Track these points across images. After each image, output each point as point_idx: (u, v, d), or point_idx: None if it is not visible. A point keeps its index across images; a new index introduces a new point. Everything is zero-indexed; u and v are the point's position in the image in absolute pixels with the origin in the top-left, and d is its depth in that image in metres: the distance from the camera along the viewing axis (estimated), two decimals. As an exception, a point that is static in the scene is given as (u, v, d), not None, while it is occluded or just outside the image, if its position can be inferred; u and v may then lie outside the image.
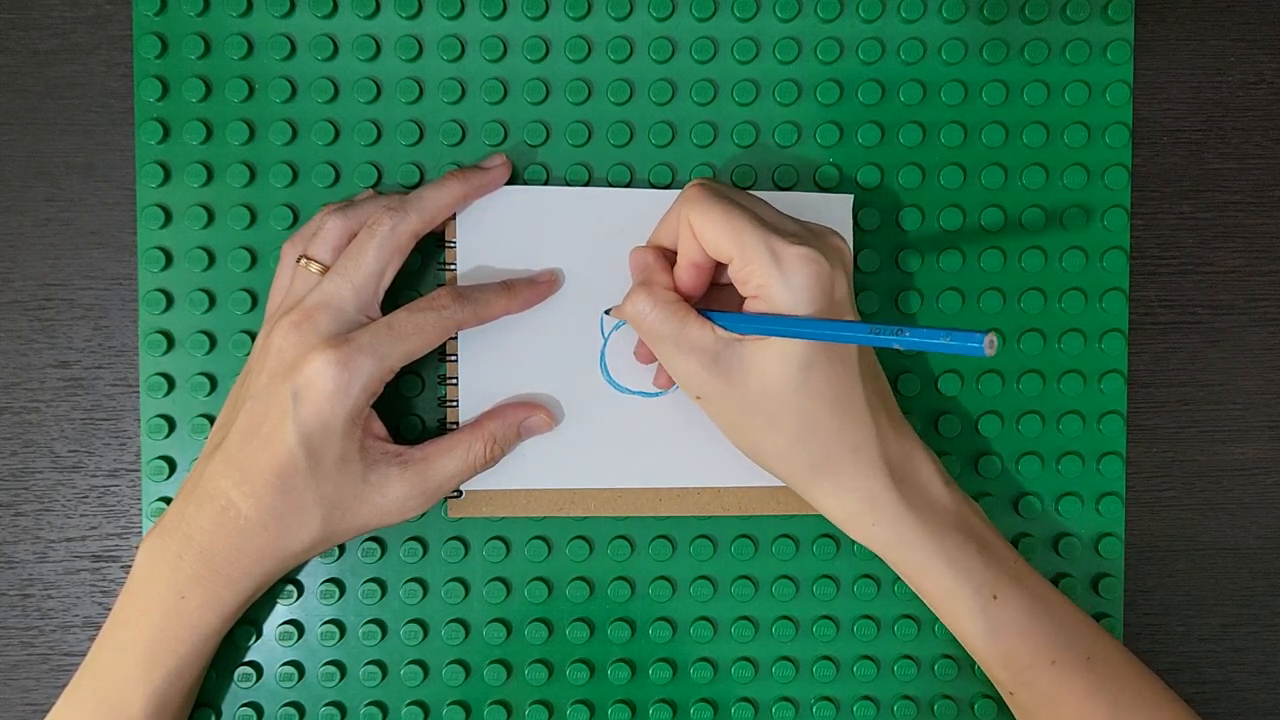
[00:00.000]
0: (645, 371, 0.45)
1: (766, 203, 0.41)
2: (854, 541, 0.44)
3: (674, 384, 0.45)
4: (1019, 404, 0.47)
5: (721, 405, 0.41)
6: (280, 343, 0.40)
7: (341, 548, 0.46)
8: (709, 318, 0.40)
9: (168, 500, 0.46)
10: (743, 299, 0.40)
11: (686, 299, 0.41)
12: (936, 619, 0.46)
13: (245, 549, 0.40)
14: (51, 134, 0.47)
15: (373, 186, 0.46)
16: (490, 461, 0.43)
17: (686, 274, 0.41)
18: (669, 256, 0.43)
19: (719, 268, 0.42)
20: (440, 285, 0.45)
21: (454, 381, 0.45)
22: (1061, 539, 0.48)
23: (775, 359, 0.39)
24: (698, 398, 0.41)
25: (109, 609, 0.41)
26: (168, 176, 0.46)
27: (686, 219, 0.40)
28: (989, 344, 0.32)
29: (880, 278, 0.47)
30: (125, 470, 0.47)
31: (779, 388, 0.39)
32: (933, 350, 0.34)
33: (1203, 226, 0.49)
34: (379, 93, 0.46)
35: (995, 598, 0.41)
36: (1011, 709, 0.44)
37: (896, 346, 0.35)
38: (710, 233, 0.39)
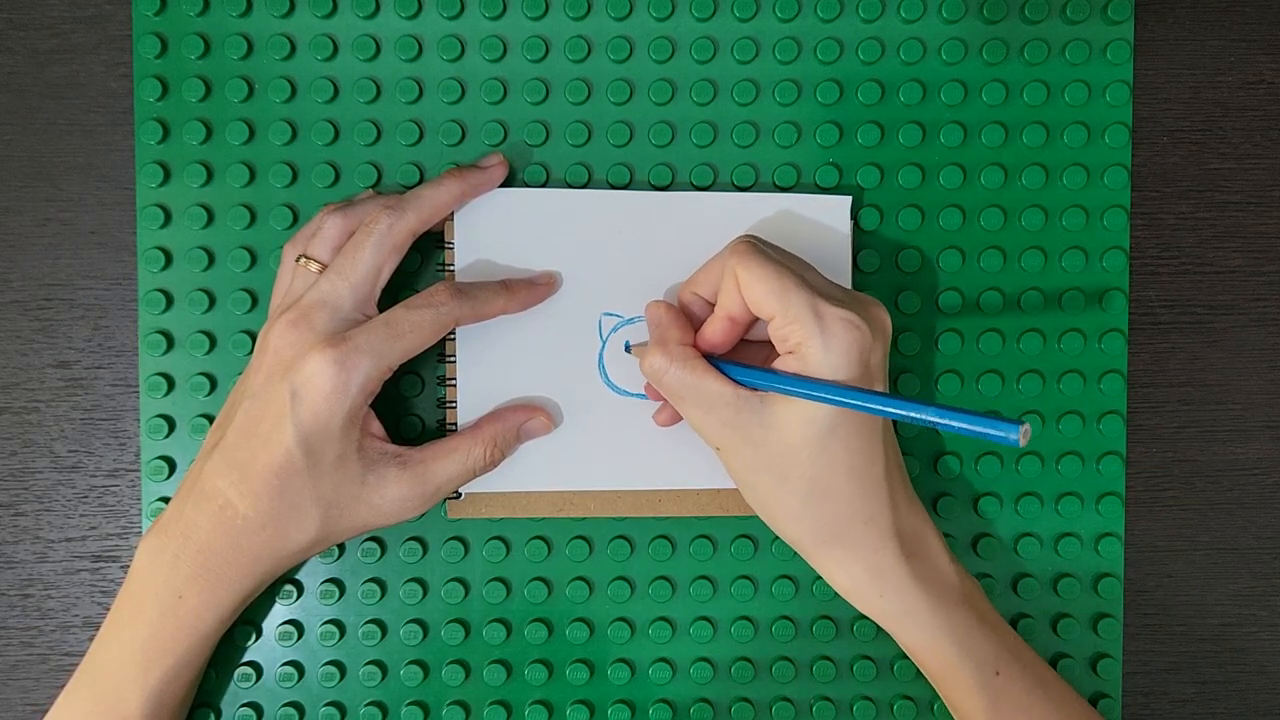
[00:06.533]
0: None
1: (813, 267, 0.41)
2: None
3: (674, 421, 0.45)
4: (1019, 404, 0.47)
5: (738, 459, 0.40)
6: (277, 342, 0.40)
7: (341, 547, 0.46)
8: (724, 371, 0.40)
9: (168, 500, 0.46)
10: (767, 358, 0.40)
11: (712, 352, 0.41)
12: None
13: (243, 549, 0.40)
14: (51, 134, 0.47)
15: (373, 186, 0.46)
16: (490, 465, 0.43)
17: (720, 327, 0.41)
18: (689, 309, 0.42)
19: (751, 325, 0.41)
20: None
21: (453, 382, 0.45)
22: (1061, 539, 0.48)
23: (798, 419, 0.38)
24: (717, 449, 0.41)
25: (109, 609, 0.41)
26: (168, 176, 0.46)
27: (733, 272, 0.39)
28: (1023, 434, 0.32)
29: (880, 278, 0.47)
30: (125, 470, 0.47)
31: (797, 449, 0.39)
32: (960, 434, 0.33)
33: (1203, 226, 0.49)
34: (379, 93, 0.46)
35: (998, 674, 0.41)
36: None
37: (929, 421, 0.35)
38: (756, 289, 0.38)
